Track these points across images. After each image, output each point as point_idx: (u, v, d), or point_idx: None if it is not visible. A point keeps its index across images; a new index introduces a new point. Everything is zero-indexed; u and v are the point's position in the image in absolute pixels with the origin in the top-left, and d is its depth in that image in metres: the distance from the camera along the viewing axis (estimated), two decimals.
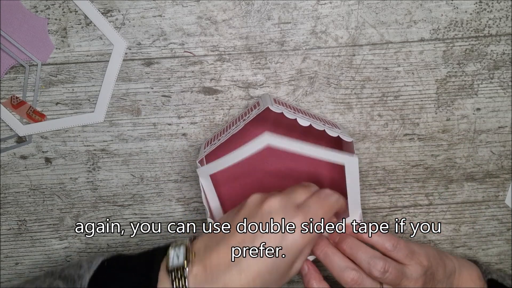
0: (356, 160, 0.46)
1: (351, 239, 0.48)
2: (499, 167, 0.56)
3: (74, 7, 0.51)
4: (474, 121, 0.54)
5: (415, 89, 0.53)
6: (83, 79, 0.52)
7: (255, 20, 0.51)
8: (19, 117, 0.53)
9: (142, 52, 0.52)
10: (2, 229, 0.56)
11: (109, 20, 0.51)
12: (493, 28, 0.52)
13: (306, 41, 0.52)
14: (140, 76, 0.52)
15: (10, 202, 0.55)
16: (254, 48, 0.52)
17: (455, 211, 0.57)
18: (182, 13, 0.51)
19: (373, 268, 0.46)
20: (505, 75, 0.53)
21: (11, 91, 0.53)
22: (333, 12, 0.51)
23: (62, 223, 0.56)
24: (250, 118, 0.47)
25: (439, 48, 0.52)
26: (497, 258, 0.58)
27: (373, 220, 0.57)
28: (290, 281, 0.58)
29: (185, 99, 0.53)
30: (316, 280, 0.49)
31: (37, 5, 0.50)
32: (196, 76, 0.53)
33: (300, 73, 0.53)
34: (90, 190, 0.56)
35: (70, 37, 0.51)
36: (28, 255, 0.57)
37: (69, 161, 0.54)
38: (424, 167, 0.56)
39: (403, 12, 0.51)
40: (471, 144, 0.55)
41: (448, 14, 0.51)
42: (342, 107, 0.54)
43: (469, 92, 0.54)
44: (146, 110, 0.53)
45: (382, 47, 0.52)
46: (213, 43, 0.52)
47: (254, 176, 0.54)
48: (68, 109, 0.53)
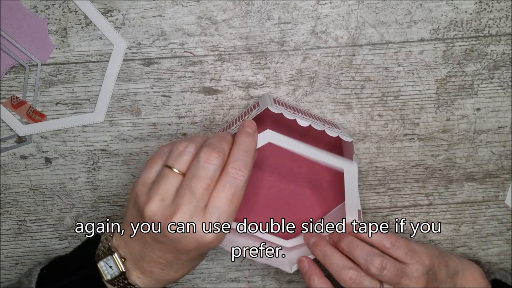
0: (355, 168, 0.46)
1: (350, 238, 0.48)
2: (499, 167, 0.56)
3: (74, 7, 0.51)
4: (474, 121, 0.54)
5: (415, 89, 0.53)
6: (83, 79, 0.52)
7: (255, 20, 0.51)
8: (19, 117, 0.53)
9: (142, 52, 0.52)
10: (2, 229, 0.56)
11: (109, 20, 0.51)
12: (493, 28, 0.52)
13: (306, 41, 0.52)
14: (140, 76, 0.52)
15: (10, 202, 0.55)
16: (254, 48, 0.52)
17: (455, 211, 0.57)
18: (182, 13, 0.51)
19: (370, 264, 0.45)
20: (505, 75, 0.53)
21: (11, 91, 0.53)
22: (333, 12, 0.51)
23: (62, 223, 0.56)
24: (250, 118, 0.47)
25: (439, 48, 0.52)
26: (497, 258, 0.58)
27: (373, 220, 0.57)
28: (290, 281, 0.58)
29: (185, 99, 0.53)
30: (318, 276, 0.48)
31: (37, 5, 0.50)
32: (196, 76, 0.53)
33: (300, 73, 0.53)
34: (90, 190, 0.56)
35: (70, 37, 0.51)
36: (28, 255, 0.57)
37: (69, 161, 0.54)
38: (424, 167, 0.56)
39: (403, 12, 0.51)
40: (471, 144, 0.55)
41: (448, 14, 0.51)
42: (342, 107, 0.54)
43: (469, 92, 0.54)
44: (146, 110, 0.53)
45: (382, 47, 0.52)
46: (213, 43, 0.52)
47: (253, 175, 0.54)
48: (68, 109, 0.53)
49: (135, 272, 0.44)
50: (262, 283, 0.58)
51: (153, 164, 0.43)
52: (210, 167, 0.41)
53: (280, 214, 0.55)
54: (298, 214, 0.54)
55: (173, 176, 0.41)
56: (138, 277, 0.44)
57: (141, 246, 0.43)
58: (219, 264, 0.58)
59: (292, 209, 0.54)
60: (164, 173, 0.42)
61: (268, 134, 0.45)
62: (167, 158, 0.43)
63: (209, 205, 0.41)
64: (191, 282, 0.58)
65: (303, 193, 0.54)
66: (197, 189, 0.40)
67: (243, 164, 0.42)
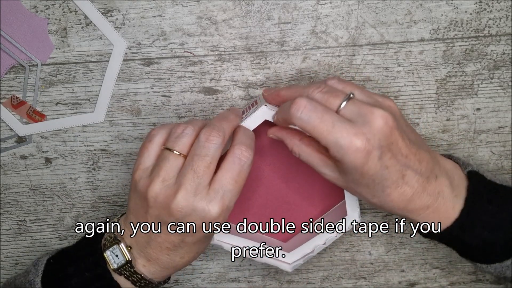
0: None
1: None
2: (499, 167, 0.56)
3: (74, 7, 0.51)
4: (474, 121, 0.55)
5: (415, 89, 0.53)
6: (83, 79, 0.52)
7: (255, 20, 0.51)
8: (19, 117, 0.53)
9: (142, 52, 0.52)
10: (2, 229, 0.56)
11: (109, 20, 0.51)
12: (493, 28, 0.52)
13: (306, 41, 0.52)
14: (140, 76, 0.52)
15: (10, 202, 0.55)
16: (254, 48, 0.52)
17: None
18: (182, 13, 0.51)
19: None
20: (505, 75, 0.53)
21: (11, 91, 0.53)
22: (333, 12, 0.51)
23: (62, 223, 0.56)
24: (247, 117, 0.47)
25: (439, 48, 0.52)
26: None
27: (373, 220, 0.57)
28: (290, 281, 0.58)
29: (185, 99, 0.53)
30: (297, 137, 0.45)
31: (37, 5, 0.51)
32: (196, 76, 0.53)
33: (300, 73, 0.53)
34: (90, 190, 0.56)
35: (70, 37, 0.51)
36: (28, 255, 0.57)
37: (69, 161, 0.54)
38: None
39: (403, 12, 0.51)
40: (471, 144, 0.55)
41: (448, 14, 0.51)
42: None
43: (469, 92, 0.54)
44: (146, 110, 0.53)
45: (382, 47, 0.52)
46: (213, 43, 0.52)
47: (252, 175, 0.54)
48: (68, 109, 0.53)
49: (140, 261, 0.45)
50: (262, 283, 0.58)
51: (145, 150, 0.44)
52: (211, 146, 0.41)
53: (280, 213, 0.55)
54: (298, 213, 0.54)
55: (174, 157, 0.42)
56: (144, 265, 0.45)
57: (146, 223, 0.44)
58: (219, 264, 0.58)
59: (292, 208, 0.54)
60: (164, 155, 0.42)
61: (264, 109, 0.45)
62: (166, 140, 0.44)
63: (214, 183, 0.41)
64: (191, 282, 0.58)
65: (302, 191, 0.54)
66: (198, 167, 0.41)
67: (248, 146, 0.43)
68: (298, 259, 0.51)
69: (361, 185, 0.42)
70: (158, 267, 0.45)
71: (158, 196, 0.42)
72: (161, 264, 0.45)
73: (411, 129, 0.44)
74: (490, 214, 0.43)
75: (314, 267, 0.58)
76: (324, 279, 0.59)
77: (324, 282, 0.59)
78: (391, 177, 0.41)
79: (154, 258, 0.44)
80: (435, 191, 0.43)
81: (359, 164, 0.40)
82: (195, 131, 0.43)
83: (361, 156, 0.39)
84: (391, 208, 0.43)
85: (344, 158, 0.40)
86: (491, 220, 0.43)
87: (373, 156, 0.39)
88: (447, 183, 0.43)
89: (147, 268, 0.45)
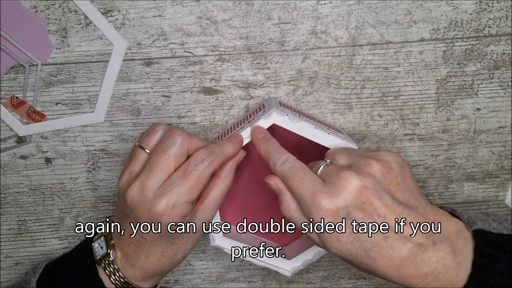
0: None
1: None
2: (499, 167, 0.56)
3: (74, 7, 0.51)
4: (474, 121, 0.55)
5: (415, 89, 0.53)
6: (83, 79, 0.52)
7: (255, 20, 0.51)
8: (19, 117, 0.53)
9: (142, 52, 0.52)
10: (2, 229, 0.56)
11: (109, 20, 0.51)
12: (493, 28, 0.52)
13: (306, 41, 0.52)
14: (140, 76, 0.52)
15: (10, 202, 0.55)
16: (254, 48, 0.52)
17: None
18: (182, 13, 0.51)
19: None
20: (505, 75, 0.53)
21: (11, 91, 0.53)
22: (333, 12, 0.51)
23: (62, 223, 0.56)
24: (256, 121, 0.47)
25: (439, 48, 0.52)
26: None
27: None
28: (290, 281, 0.58)
29: (185, 99, 0.53)
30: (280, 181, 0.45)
31: (37, 5, 0.51)
32: (196, 76, 0.53)
33: (300, 73, 0.53)
34: (90, 190, 0.56)
35: (70, 37, 0.51)
36: (28, 255, 0.57)
37: (69, 161, 0.54)
38: (424, 167, 0.56)
39: (403, 12, 0.51)
40: (471, 144, 0.55)
41: (448, 14, 0.51)
42: (342, 107, 0.54)
43: (469, 92, 0.54)
44: (146, 110, 0.53)
45: (382, 47, 0.52)
46: (213, 43, 0.52)
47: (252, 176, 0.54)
48: (68, 109, 0.53)
49: (118, 254, 0.46)
50: (262, 283, 0.58)
51: (132, 150, 0.47)
52: (169, 141, 0.43)
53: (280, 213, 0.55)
54: None
55: (140, 153, 0.45)
56: (120, 260, 0.46)
57: (119, 220, 0.46)
58: (219, 264, 0.58)
59: None
60: (135, 152, 0.45)
61: (274, 115, 0.46)
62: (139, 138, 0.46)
63: (167, 181, 0.43)
64: (191, 282, 0.58)
65: None
66: (153, 161, 0.43)
67: (210, 152, 0.44)
68: (298, 266, 0.51)
69: (345, 251, 0.41)
70: (129, 264, 0.46)
71: (122, 187, 0.44)
72: (132, 261, 0.45)
73: (406, 189, 0.42)
74: (500, 274, 0.40)
75: (314, 267, 0.58)
76: (324, 279, 0.59)
77: (324, 282, 0.59)
78: (370, 239, 0.40)
79: (125, 252, 0.46)
80: (432, 259, 0.40)
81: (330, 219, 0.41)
82: (165, 130, 0.45)
83: (329, 215, 0.41)
84: (384, 275, 0.41)
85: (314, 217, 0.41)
86: (501, 280, 0.40)
87: (340, 215, 0.40)
88: (448, 250, 0.40)
89: (122, 263, 0.46)
